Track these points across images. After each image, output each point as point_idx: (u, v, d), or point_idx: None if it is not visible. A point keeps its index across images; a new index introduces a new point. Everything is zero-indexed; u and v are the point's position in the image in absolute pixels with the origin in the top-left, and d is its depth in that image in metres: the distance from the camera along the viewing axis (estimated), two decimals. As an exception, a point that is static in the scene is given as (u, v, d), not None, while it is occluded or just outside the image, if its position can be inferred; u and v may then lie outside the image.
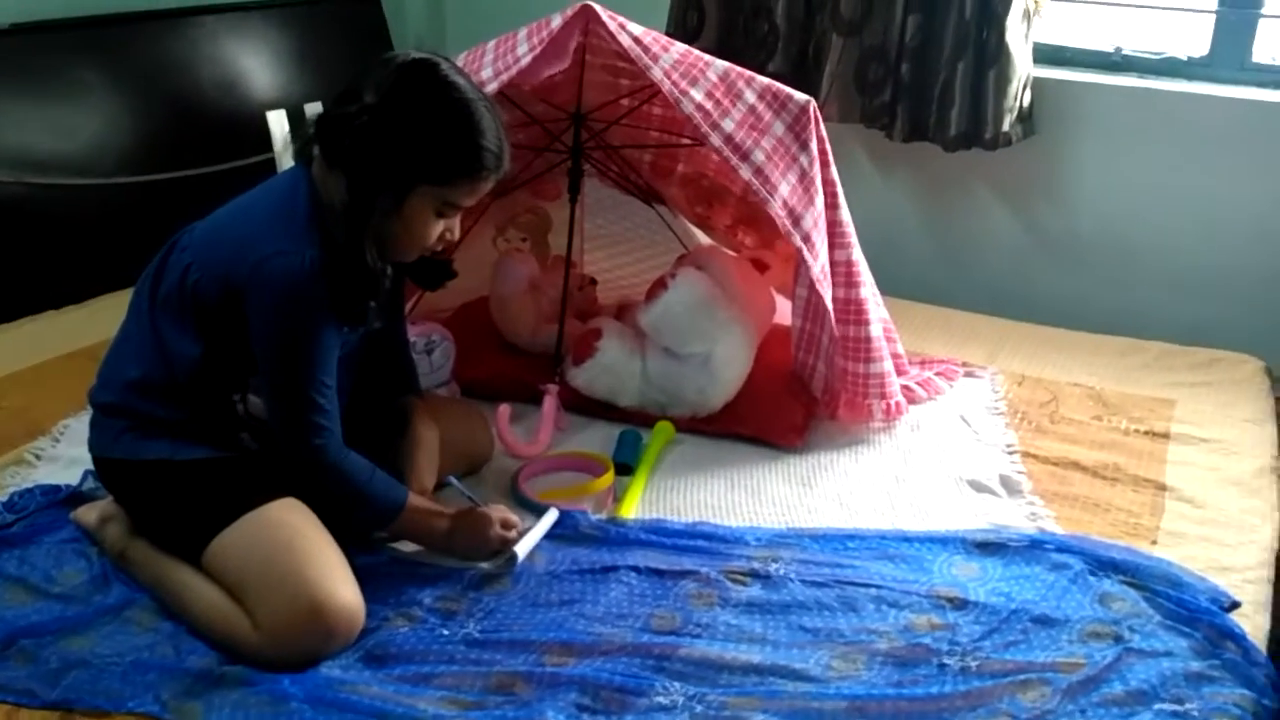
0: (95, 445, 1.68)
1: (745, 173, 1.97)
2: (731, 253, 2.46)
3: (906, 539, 1.81)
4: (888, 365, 2.14)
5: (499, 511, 1.75)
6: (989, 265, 3.05)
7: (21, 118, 2.56)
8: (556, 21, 1.93)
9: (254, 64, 3.06)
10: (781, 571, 1.71)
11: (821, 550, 1.78)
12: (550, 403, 2.15)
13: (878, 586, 1.68)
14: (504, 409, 2.08)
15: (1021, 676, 1.49)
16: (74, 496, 1.83)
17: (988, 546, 1.78)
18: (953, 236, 3.09)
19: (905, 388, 2.24)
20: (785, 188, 2.00)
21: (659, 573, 1.71)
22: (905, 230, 3.08)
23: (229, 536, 1.55)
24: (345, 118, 1.51)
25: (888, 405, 2.15)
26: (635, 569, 1.71)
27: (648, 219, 2.64)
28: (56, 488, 1.85)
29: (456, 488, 1.81)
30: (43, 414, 2.11)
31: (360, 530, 1.70)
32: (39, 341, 2.39)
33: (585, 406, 2.20)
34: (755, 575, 1.70)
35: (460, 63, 2.02)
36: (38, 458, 1.98)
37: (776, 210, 1.97)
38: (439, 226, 1.61)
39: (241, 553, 1.54)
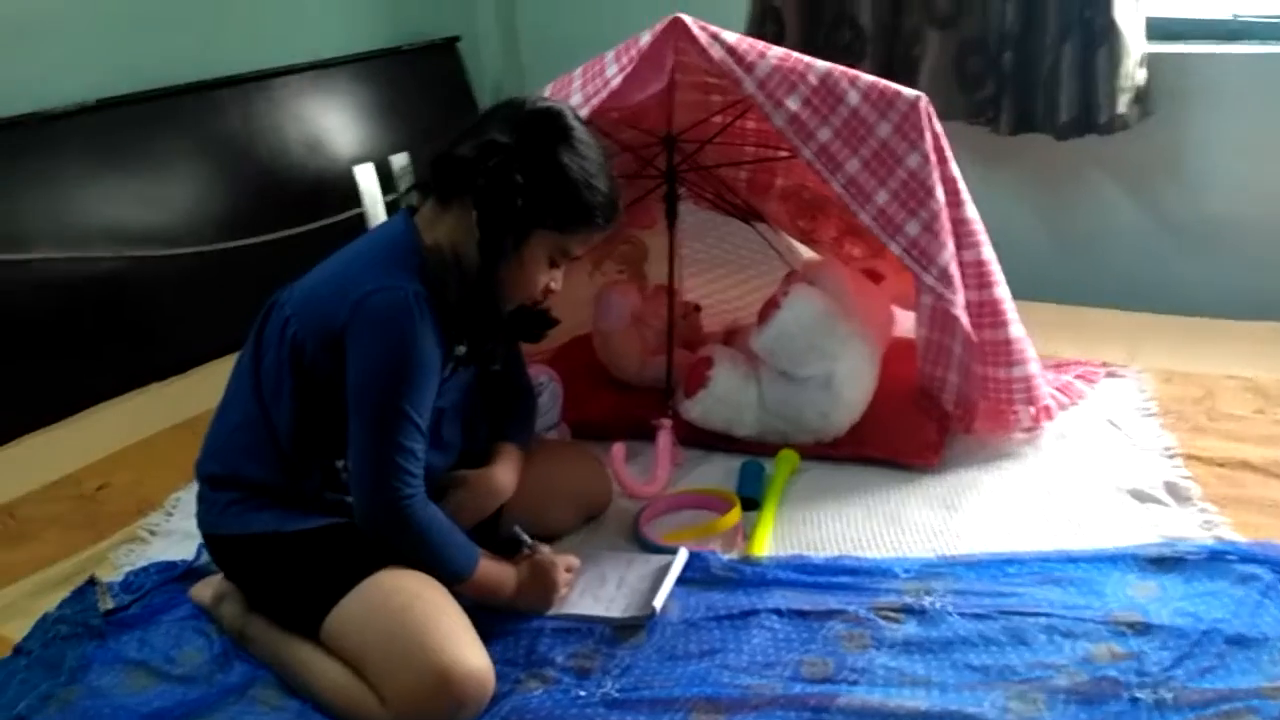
0: (203, 522, 1.62)
1: (836, 184, 1.90)
2: (843, 265, 2.33)
3: (1071, 560, 1.66)
4: (1034, 368, 1.98)
5: (563, 559, 1.65)
6: (1115, 257, 2.87)
7: (114, 192, 2.56)
8: (645, 38, 1.84)
9: (337, 120, 3.05)
10: (937, 605, 1.57)
11: (978, 578, 1.64)
12: (665, 438, 2.04)
13: (1047, 615, 1.53)
14: (618, 448, 1.98)
15: (1225, 706, 1.34)
16: (190, 572, 1.77)
17: (1164, 562, 1.63)
18: (1072, 230, 2.92)
19: (1046, 394, 2.08)
20: (883, 195, 1.90)
21: (803, 614, 1.58)
22: (1018, 228, 2.90)
23: (345, 609, 1.47)
24: (474, 159, 1.50)
25: (1037, 411, 1.99)
26: (777, 611, 1.59)
27: (747, 238, 2.53)
28: (172, 564, 1.80)
29: (518, 536, 1.65)
30: (152, 489, 2.08)
31: None
32: (146, 415, 2.37)
33: (701, 439, 2.09)
34: (909, 611, 1.57)
35: (547, 93, 1.96)
36: (151, 533, 1.94)
37: (868, 220, 1.89)
38: (548, 275, 1.60)
39: (359, 625, 1.46)
